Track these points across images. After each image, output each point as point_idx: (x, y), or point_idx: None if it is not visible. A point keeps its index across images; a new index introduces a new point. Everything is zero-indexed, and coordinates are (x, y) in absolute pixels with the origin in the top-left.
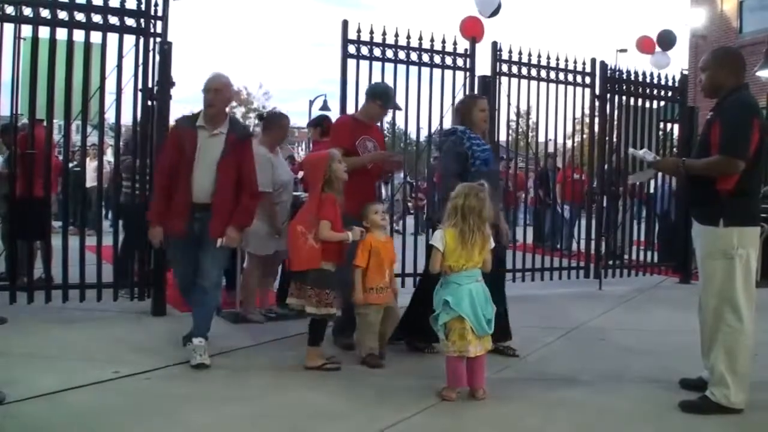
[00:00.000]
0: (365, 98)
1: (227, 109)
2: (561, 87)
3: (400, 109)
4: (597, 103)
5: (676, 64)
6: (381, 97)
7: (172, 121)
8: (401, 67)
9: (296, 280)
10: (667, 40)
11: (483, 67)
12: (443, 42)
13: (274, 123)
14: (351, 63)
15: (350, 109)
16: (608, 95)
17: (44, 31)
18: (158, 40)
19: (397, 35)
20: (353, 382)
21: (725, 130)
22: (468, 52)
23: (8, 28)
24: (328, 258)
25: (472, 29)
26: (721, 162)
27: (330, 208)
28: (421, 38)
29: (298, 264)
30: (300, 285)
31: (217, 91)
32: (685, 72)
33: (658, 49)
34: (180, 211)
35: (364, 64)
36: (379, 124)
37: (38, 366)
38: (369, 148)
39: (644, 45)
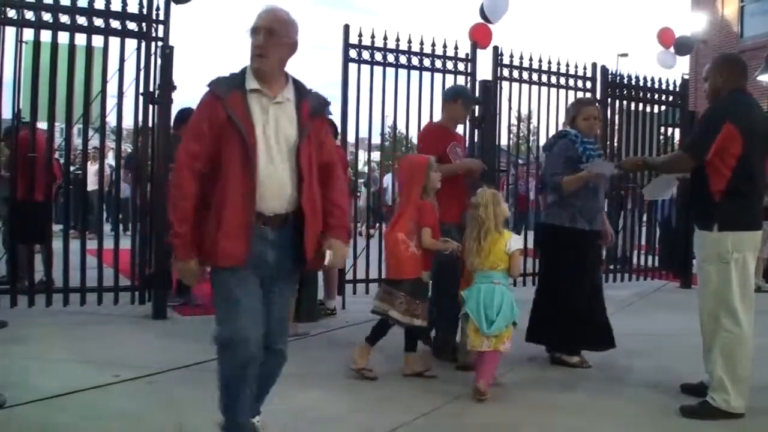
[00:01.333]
0: (443, 104)
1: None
2: (562, 91)
3: (480, 102)
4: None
5: (677, 68)
6: (460, 95)
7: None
8: (402, 72)
9: (389, 285)
10: (684, 46)
11: (484, 71)
12: (444, 46)
13: None
14: (352, 67)
15: (351, 113)
16: (609, 100)
17: (46, 35)
18: (160, 43)
19: (398, 40)
20: (355, 386)
21: (693, 128)
22: (469, 57)
23: (10, 31)
24: (426, 267)
25: (480, 35)
26: (676, 156)
27: (431, 215)
28: (422, 43)
29: (400, 272)
30: (391, 291)
31: (271, 33)
32: (686, 76)
33: (671, 49)
34: (237, 228)
35: (365, 69)
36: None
37: (39, 370)
38: (459, 155)
39: (664, 37)
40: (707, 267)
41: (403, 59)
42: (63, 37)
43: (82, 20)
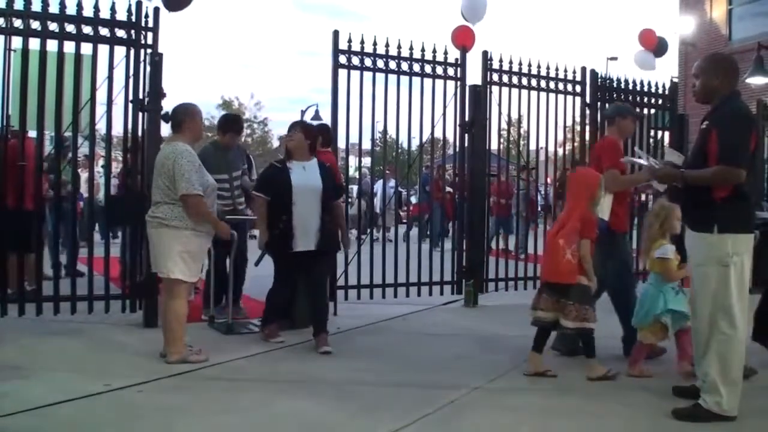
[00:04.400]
0: (611, 121)
1: None
2: (551, 95)
3: (639, 116)
4: (587, 111)
5: (666, 71)
6: (628, 111)
7: (163, 133)
8: (392, 77)
9: (554, 294)
10: (660, 47)
11: (474, 76)
12: (434, 51)
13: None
14: (342, 73)
15: (341, 119)
16: (599, 103)
17: (34, 43)
18: (149, 51)
19: (387, 45)
20: (348, 393)
21: (725, 139)
22: (458, 62)
23: None
24: (582, 273)
25: (463, 38)
26: (724, 172)
27: (594, 229)
28: (411, 48)
29: (556, 276)
30: (557, 299)
31: None
32: (675, 79)
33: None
34: None
35: (355, 74)
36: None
37: (29, 379)
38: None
39: (645, 38)
40: (705, 270)
41: (392, 65)
42: (52, 45)
43: (70, 28)
